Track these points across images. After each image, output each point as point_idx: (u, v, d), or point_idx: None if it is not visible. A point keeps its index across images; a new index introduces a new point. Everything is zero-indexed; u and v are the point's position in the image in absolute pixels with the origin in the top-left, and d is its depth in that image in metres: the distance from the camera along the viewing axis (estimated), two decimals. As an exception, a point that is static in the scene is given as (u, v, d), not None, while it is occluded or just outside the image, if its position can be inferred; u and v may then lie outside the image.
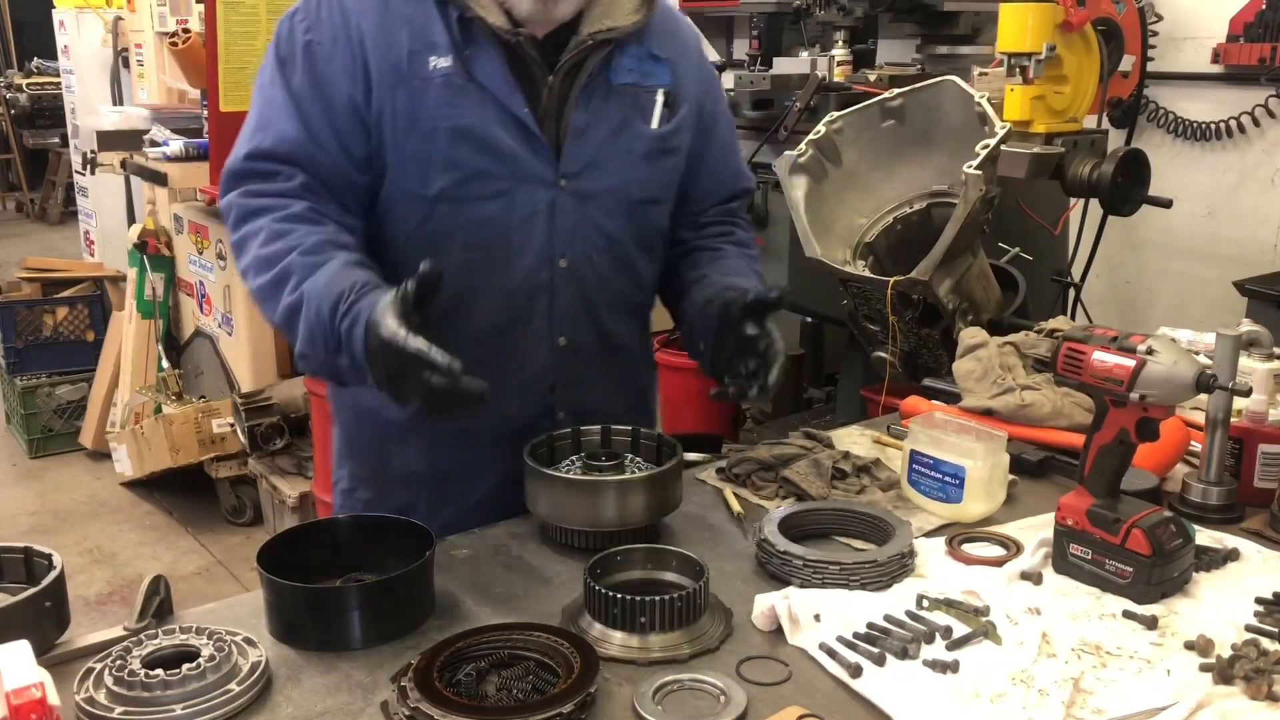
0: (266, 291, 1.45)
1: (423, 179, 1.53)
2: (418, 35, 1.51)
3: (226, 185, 1.54)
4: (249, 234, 1.48)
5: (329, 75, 1.51)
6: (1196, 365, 1.37)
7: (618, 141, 1.60)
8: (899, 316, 2.27)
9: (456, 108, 1.50)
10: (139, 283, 4.73)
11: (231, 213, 1.52)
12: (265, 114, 1.53)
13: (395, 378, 1.31)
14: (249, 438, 3.99)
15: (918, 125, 2.38)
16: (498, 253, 1.57)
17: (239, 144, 1.54)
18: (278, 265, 1.43)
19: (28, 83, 10.30)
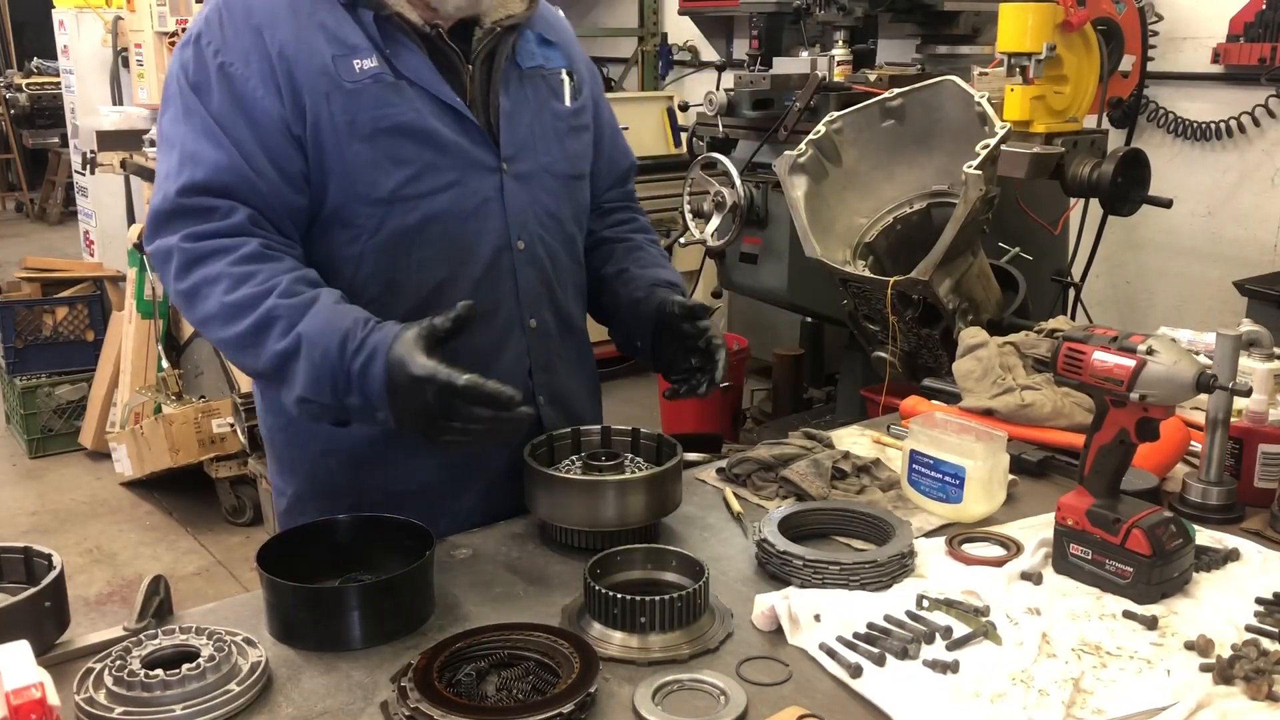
0: (245, 340, 1.39)
1: (371, 183, 1.49)
2: (335, 40, 1.48)
3: (158, 228, 1.44)
4: (204, 280, 1.40)
5: (250, 96, 1.45)
6: (1196, 365, 1.37)
7: (542, 121, 1.63)
8: (899, 316, 2.27)
9: (393, 106, 1.49)
10: (139, 283, 4.73)
11: (173, 259, 1.42)
12: (188, 147, 1.44)
13: (430, 414, 1.31)
14: (249, 438, 3.98)
15: (918, 125, 2.38)
16: (458, 244, 1.56)
17: (163, 182, 1.45)
18: (255, 311, 1.37)
19: (28, 83, 10.30)
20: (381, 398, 1.34)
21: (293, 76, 1.45)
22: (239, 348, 1.41)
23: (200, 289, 1.41)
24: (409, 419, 1.34)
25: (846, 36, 3.79)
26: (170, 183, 1.44)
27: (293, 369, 1.37)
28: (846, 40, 3.79)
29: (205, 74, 1.46)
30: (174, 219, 1.43)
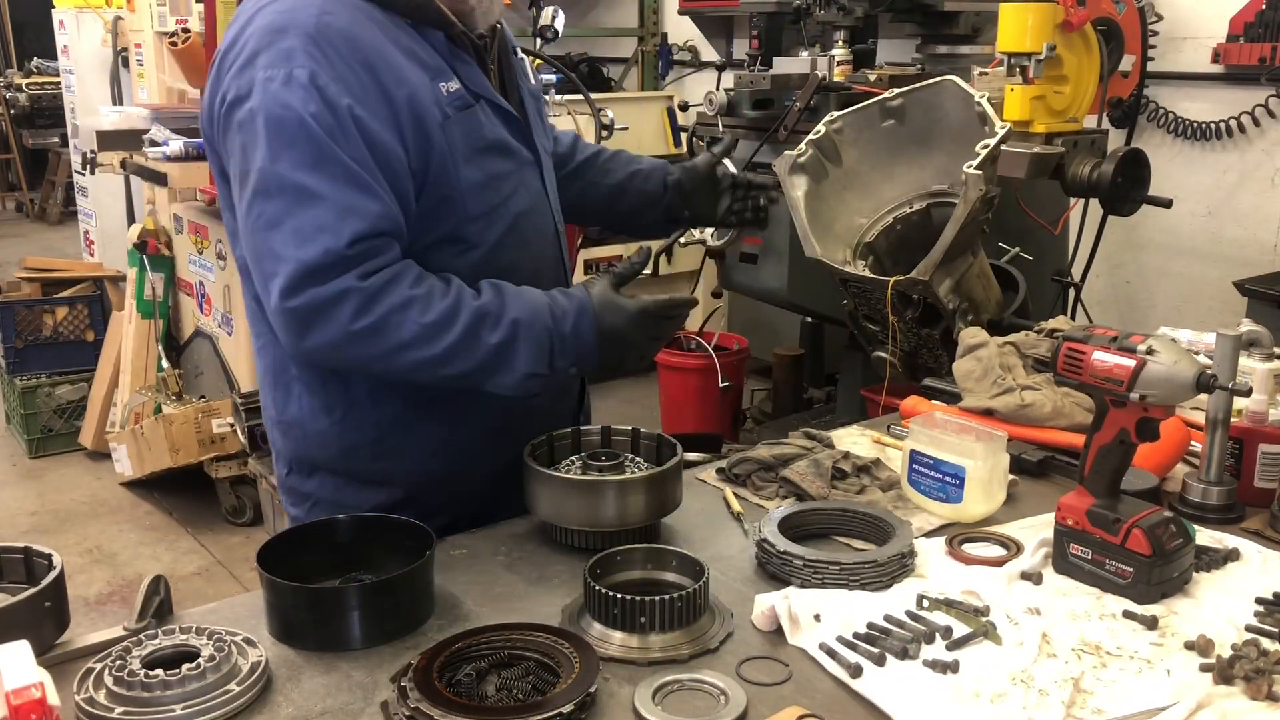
0: (456, 348, 1.44)
1: (477, 200, 1.56)
2: (425, 65, 1.52)
3: (318, 276, 1.39)
4: (391, 310, 1.42)
5: (378, 141, 1.44)
6: (1196, 365, 1.37)
7: (534, 105, 1.75)
8: (899, 316, 2.27)
9: (481, 126, 1.56)
10: (139, 283, 4.73)
11: (349, 300, 1.40)
12: (341, 200, 1.41)
13: (634, 341, 1.53)
14: (249, 438, 3.98)
15: (918, 125, 2.38)
16: (532, 239, 1.67)
17: (316, 234, 1.39)
18: (461, 319, 1.45)
19: (28, 83, 10.29)
20: (592, 346, 1.51)
21: (415, 111, 1.48)
22: (447, 359, 1.45)
23: (389, 318, 1.42)
24: (616, 358, 1.54)
25: (846, 36, 3.79)
26: (331, 236, 1.39)
27: (512, 353, 1.47)
28: (846, 40, 3.79)
29: (335, 117, 1.41)
30: (339, 267, 1.40)
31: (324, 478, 1.66)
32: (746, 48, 4.48)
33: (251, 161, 1.42)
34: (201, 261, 4.41)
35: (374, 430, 1.62)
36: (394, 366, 1.46)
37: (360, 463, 1.64)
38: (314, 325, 1.41)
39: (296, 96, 1.40)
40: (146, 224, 4.75)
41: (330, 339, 1.42)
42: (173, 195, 4.50)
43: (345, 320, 1.41)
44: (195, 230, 4.40)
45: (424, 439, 1.63)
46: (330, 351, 1.44)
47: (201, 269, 4.44)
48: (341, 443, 1.63)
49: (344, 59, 1.43)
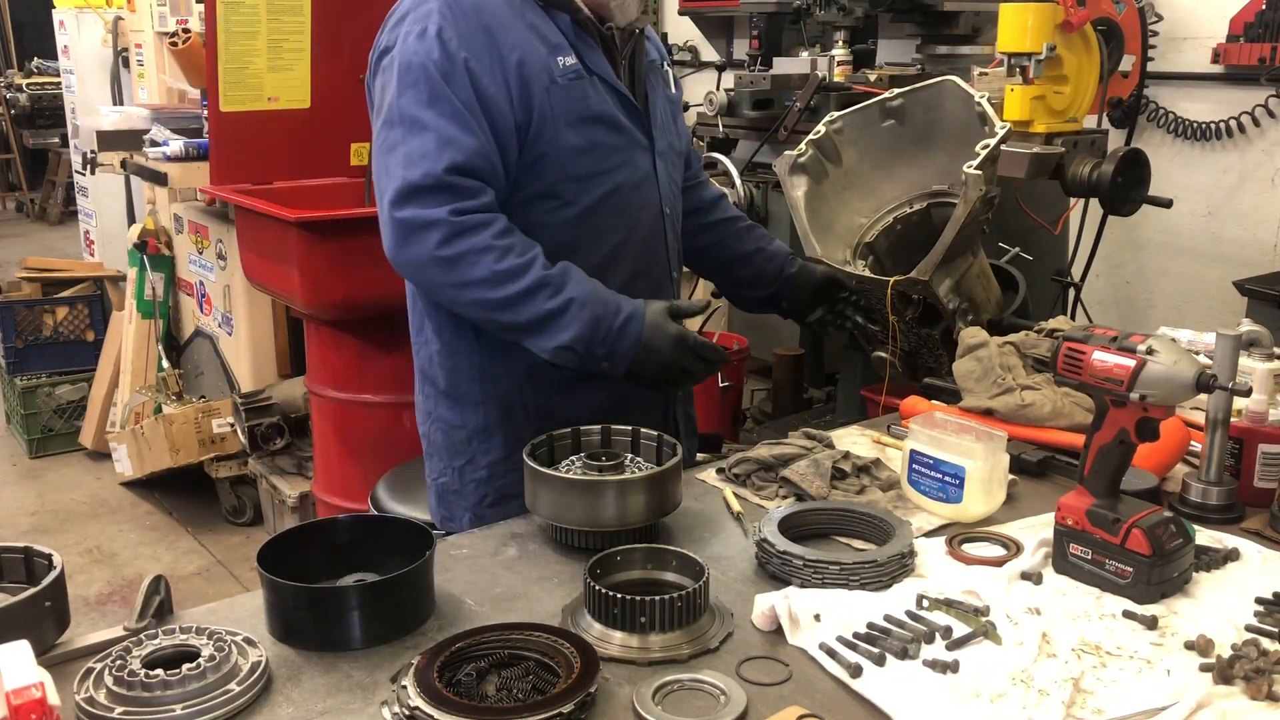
0: (513, 300, 1.65)
1: (576, 163, 1.77)
2: (544, 40, 1.74)
3: (416, 198, 1.64)
4: (471, 249, 1.64)
5: (486, 93, 1.67)
6: (1196, 365, 1.37)
7: (667, 107, 1.97)
8: (899, 316, 2.27)
9: (590, 98, 1.77)
10: (139, 283, 4.73)
11: (437, 228, 1.63)
12: (444, 131, 1.65)
13: (666, 365, 1.70)
14: (249, 438, 3.98)
15: (918, 125, 2.38)
16: (630, 212, 1.85)
17: (419, 160, 1.64)
18: (525, 277, 1.65)
19: (28, 83, 10.30)
20: (628, 351, 1.68)
21: (522, 74, 1.70)
22: (501, 306, 1.66)
23: (466, 256, 1.64)
24: (646, 368, 1.70)
25: (846, 36, 3.79)
26: (431, 161, 1.64)
27: (559, 324, 1.66)
28: (846, 40, 3.79)
29: (451, 66, 1.66)
30: (437, 193, 1.64)
31: (439, 396, 1.91)
32: (746, 48, 4.48)
33: (385, 98, 1.70)
34: (202, 261, 4.41)
35: (475, 355, 1.85)
36: (458, 298, 1.69)
37: (462, 384, 1.87)
38: (408, 240, 1.65)
39: (425, 46, 1.66)
40: (147, 224, 4.75)
41: (416, 257, 1.66)
42: (173, 195, 4.50)
43: (431, 245, 1.64)
44: (195, 230, 4.40)
45: (515, 369, 1.83)
46: (413, 268, 1.69)
47: (202, 269, 4.43)
48: (449, 363, 1.88)
49: (469, 21, 1.68)
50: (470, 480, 1.91)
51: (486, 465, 1.89)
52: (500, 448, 1.88)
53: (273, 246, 3.29)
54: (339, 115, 3.69)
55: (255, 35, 3.54)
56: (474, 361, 1.86)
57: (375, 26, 1.80)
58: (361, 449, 3.42)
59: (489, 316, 1.70)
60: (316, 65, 3.64)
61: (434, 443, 1.96)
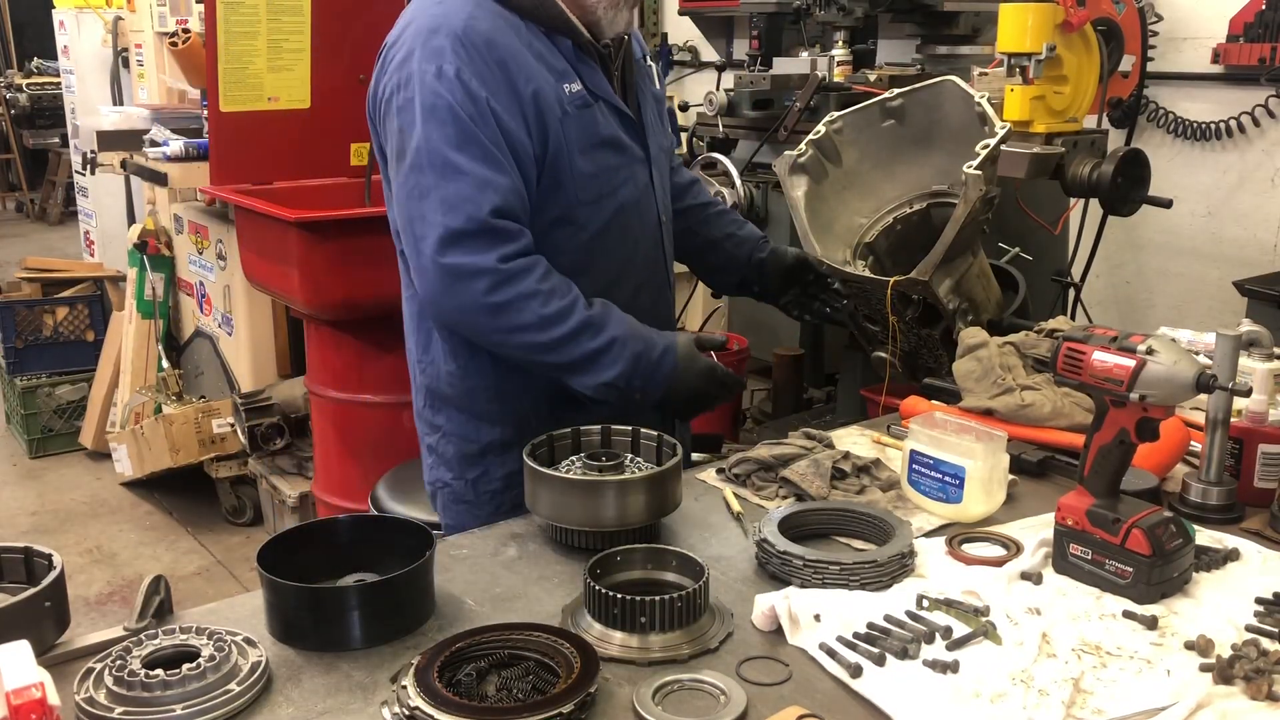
0: (559, 342, 1.69)
1: (588, 188, 1.79)
2: (551, 68, 1.74)
3: (462, 243, 1.64)
4: (519, 296, 1.66)
5: (510, 130, 1.68)
6: (1196, 365, 1.37)
7: (654, 107, 1.96)
8: (899, 316, 2.27)
9: (597, 124, 1.79)
10: (139, 283, 4.73)
11: (487, 276, 1.65)
12: (479, 173, 1.65)
13: (696, 393, 1.78)
14: (249, 438, 3.99)
15: (918, 125, 2.38)
16: (634, 228, 1.88)
17: (461, 203, 1.64)
18: (570, 320, 1.69)
19: (28, 83, 10.30)
20: (662, 383, 1.75)
21: (538, 106, 1.70)
22: (549, 348, 1.69)
23: (514, 303, 1.66)
24: (677, 396, 1.77)
25: (846, 37, 3.78)
26: (474, 206, 1.64)
27: (602, 363, 1.71)
28: (846, 40, 3.78)
29: (476, 107, 1.65)
30: (481, 238, 1.65)
31: (451, 412, 1.91)
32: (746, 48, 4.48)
33: (408, 141, 1.68)
34: (201, 261, 4.41)
35: (492, 376, 1.85)
36: (506, 342, 1.72)
37: (479, 403, 1.88)
38: (454, 288, 1.66)
39: (445, 87, 1.65)
40: (147, 224, 4.75)
41: (463, 304, 1.67)
42: (173, 195, 4.50)
43: (480, 293, 1.65)
44: (195, 230, 4.40)
45: (533, 387, 1.85)
46: (459, 315, 1.70)
47: (202, 269, 4.43)
48: (465, 384, 1.87)
49: (483, 58, 1.66)
50: (485, 491, 1.91)
51: (502, 477, 1.90)
52: (517, 460, 1.84)
53: (273, 246, 3.29)
54: (339, 115, 3.69)
55: (255, 35, 3.54)
56: (490, 383, 1.87)
57: (375, 26, 1.80)
58: (361, 449, 3.42)
59: (534, 358, 1.73)
60: (316, 65, 3.64)
61: (443, 454, 1.95)
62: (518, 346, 1.71)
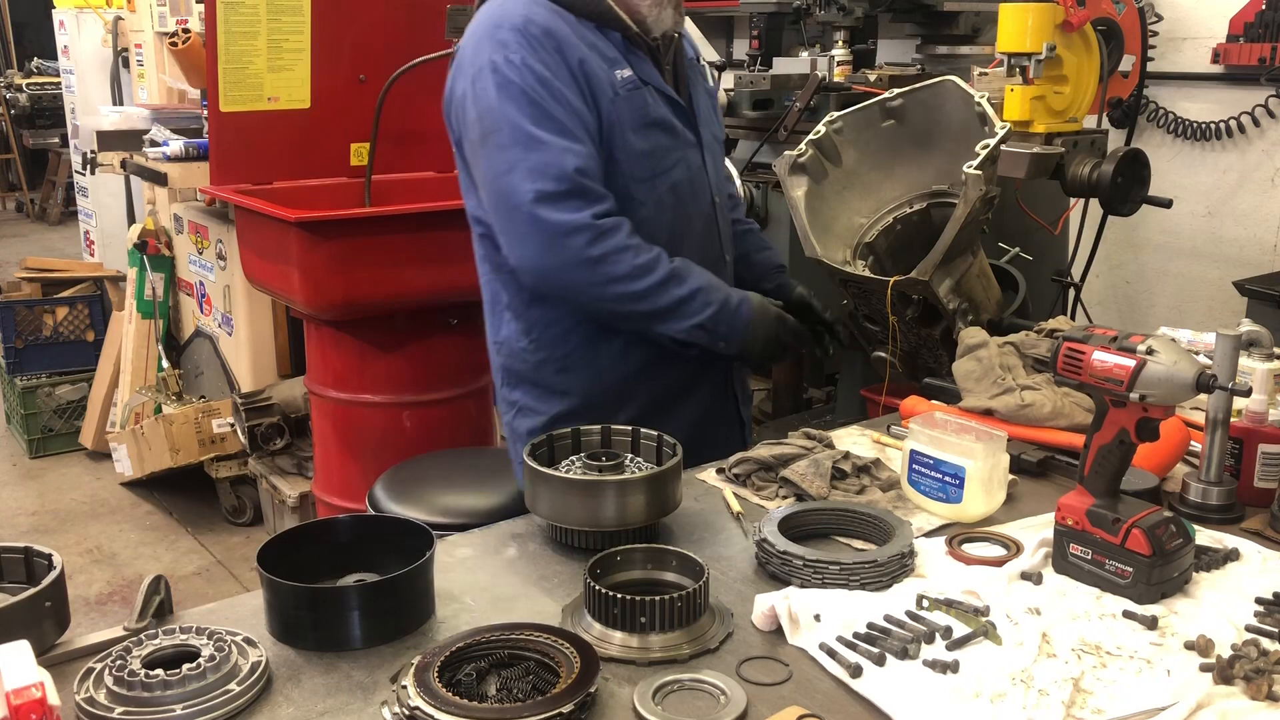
0: (651, 290, 1.86)
1: (642, 165, 1.93)
2: (603, 56, 1.90)
3: (565, 204, 1.80)
4: (614, 249, 1.82)
5: (577, 108, 1.84)
6: (1196, 365, 1.37)
7: (707, 101, 2.12)
8: (899, 316, 2.27)
9: (647, 105, 1.93)
10: (139, 283, 4.73)
11: (586, 231, 1.81)
12: (558, 142, 1.80)
13: (769, 341, 1.97)
14: (249, 438, 3.98)
15: (918, 125, 2.38)
16: (687, 205, 2.03)
17: (548, 166, 1.79)
18: (658, 270, 1.86)
19: (28, 83, 10.29)
20: (741, 328, 1.93)
21: (592, 88, 1.86)
22: (642, 297, 1.86)
23: (611, 255, 1.82)
24: (753, 345, 1.95)
25: (846, 36, 3.78)
26: (559, 169, 1.80)
27: (689, 309, 1.88)
28: (846, 40, 3.79)
29: (546, 88, 1.82)
30: (574, 197, 1.80)
31: (525, 388, 2.06)
32: (746, 48, 4.48)
33: (489, 125, 1.84)
34: (201, 261, 4.41)
35: (560, 349, 2.00)
36: (603, 295, 1.85)
37: (548, 376, 2.02)
38: (555, 245, 1.80)
39: (514, 73, 1.81)
40: (146, 224, 4.75)
41: (565, 260, 1.81)
42: (173, 195, 4.50)
43: (580, 247, 1.80)
44: (195, 230, 4.40)
45: (599, 360, 2.00)
46: (562, 272, 1.83)
47: (201, 269, 4.44)
48: (535, 359, 2.02)
49: (543, 45, 1.83)
50: None
51: None
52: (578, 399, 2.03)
53: (273, 246, 3.29)
54: (339, 115, 3.69)
55: (255, 35, 3.54)
56: (557, 355, 2.01)
57: (375, 26, 1.82)
58: (361, 449, 3.42)
59: (627, 308, 1.87)
60: (316, 65, 3.64)
61: (518, 430, 2.10)
62: (613, 298, 1.85)
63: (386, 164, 3.66)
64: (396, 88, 3.19)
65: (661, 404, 2.03)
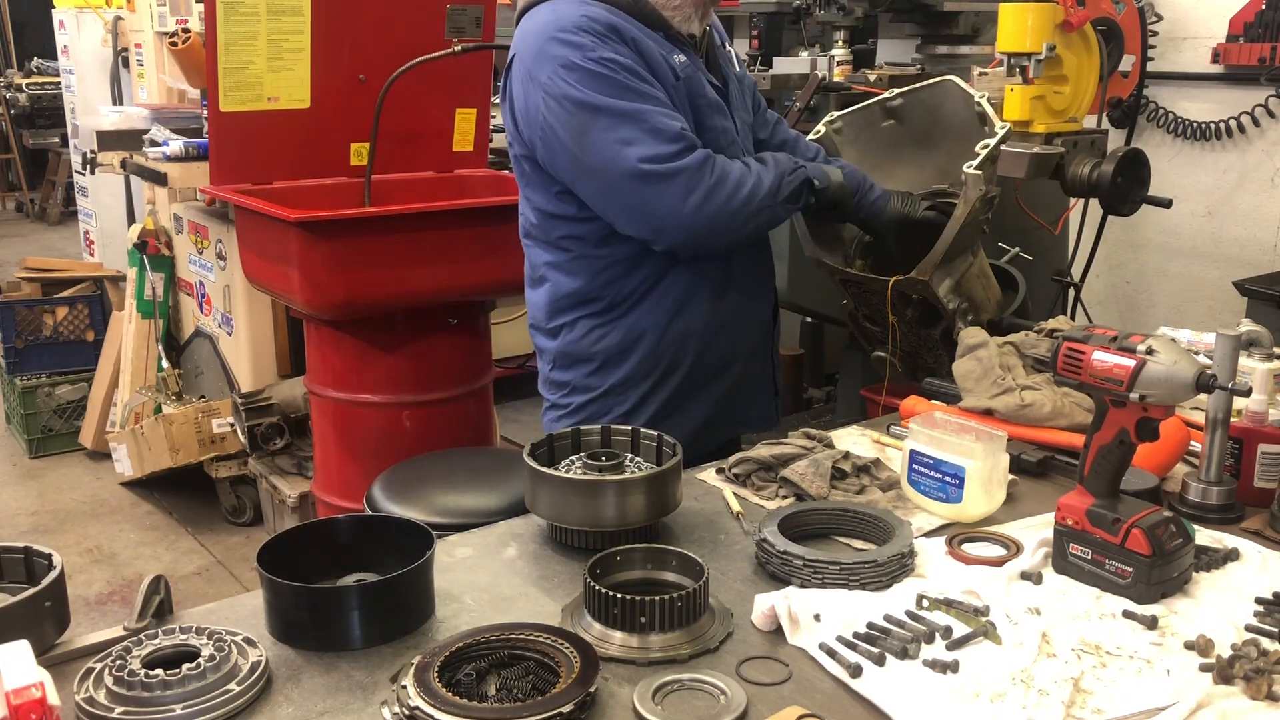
0: (780, 183, 2.00)
1: (700, 139, 1.98)
2: (660, 46, 2.00)
3: (679, 152, 1.90)
4: (724, 163, 1.94)
5: (653, 87, 1.94)
6: (1196, 365, 1.37)
7: (738, 86, 2.21)
8: (899, 316, 2.27)
9: (702, 87, 2.05)
10: (139, 283, 4.73)
11: (694, 167, 1.90)
12: (649, 107, 1.91)
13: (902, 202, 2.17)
14: (249, 438, 3.98)
15: (918, 125, 2.38)
16: None
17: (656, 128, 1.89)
18: (769, 163, 2.02)
19: (28, 83, 10.28)
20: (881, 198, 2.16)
21: (655, 74, 1.96)
22: (775, 191, 1.99)
23: (726, 170, 1.94)
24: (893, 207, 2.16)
25: (846, 36, 3.79)
26: (663, 130, 1.90)
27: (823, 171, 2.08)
28: (846, 40, 3.79)
29: (630, 73, 1.91)
30: (684, 140, 1.91)
31: (581, 366, 2.14)
32: (746, 48, 4.48)
33: (584, 115, 1.90)
34: (201, 262, 4.41)
35: (624, 324, 2.09)
36: (735, 200, 1.94)
37: (605, 351, 2.11)
38: (689, 189, 1.89)
39: (593, 64, 1.90)
40: (146, 224, 4.75)
41: (699, 196, 1.90)
42: (173, 195, 4.50)
43: (704, 180, 1.90)
44: (195, 230, 4.40)
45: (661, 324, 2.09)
46: (702, 203, 1.90)
47: (201, 269, 4.43)
48: (594, 335, 2.10)
49: (611, 39, 1.93)
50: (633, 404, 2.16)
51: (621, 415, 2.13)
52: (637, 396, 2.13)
53: (273, 246, 3.29)
54: (339, 115, 3.69)
55: (255, 35, 3.53)
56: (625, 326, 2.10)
57: (375, 26, 1.82)
58: (361, 449, 3.41)
59: (770, 204, 1.99)
60: (316, 65, 3.64)
61: (567, 407, 2.17)
62: (744, 199, 1.94)
63: (386, 164, 3.66)
64: (396, 88, 3.18)
65: (709, 368, 2.14)
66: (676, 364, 2.11)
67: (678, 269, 2.06)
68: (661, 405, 2.12)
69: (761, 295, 2.24)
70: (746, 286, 2.16)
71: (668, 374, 2.11)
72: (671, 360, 2.11)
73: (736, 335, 2.17)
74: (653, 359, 2.10)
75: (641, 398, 2.12)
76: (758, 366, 2.24)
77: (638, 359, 2.10)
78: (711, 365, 2.14)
